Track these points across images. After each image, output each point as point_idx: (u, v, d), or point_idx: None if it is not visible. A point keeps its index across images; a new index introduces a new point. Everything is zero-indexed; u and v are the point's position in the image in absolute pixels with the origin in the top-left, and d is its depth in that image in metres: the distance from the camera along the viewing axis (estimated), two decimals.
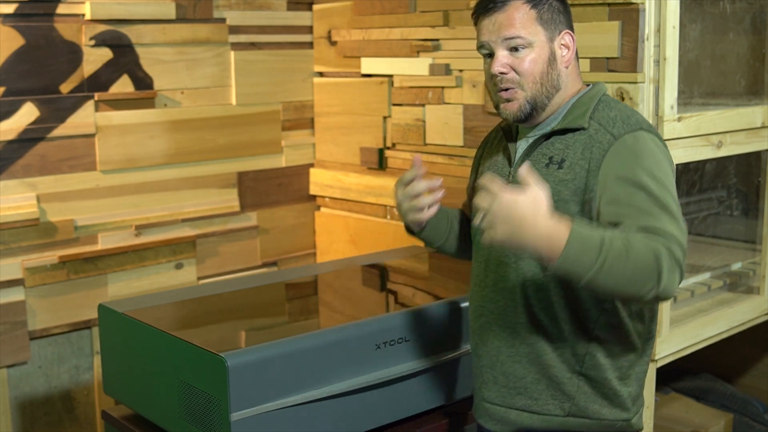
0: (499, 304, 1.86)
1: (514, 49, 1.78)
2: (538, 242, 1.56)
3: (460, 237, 2.09)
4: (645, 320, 1.85)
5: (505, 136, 1.94)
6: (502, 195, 1.57)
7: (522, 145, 1.89)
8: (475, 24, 1.86)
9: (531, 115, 1.81)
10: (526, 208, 1.56)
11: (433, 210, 1.92)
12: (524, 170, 1.60)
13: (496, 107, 1.86)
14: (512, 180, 1.85)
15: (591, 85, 1.88)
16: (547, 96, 1.81)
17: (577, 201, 1.75)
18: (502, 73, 1.79)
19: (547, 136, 1.83)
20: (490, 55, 1.82)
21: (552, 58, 1.80)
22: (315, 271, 2.74)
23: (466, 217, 2.11)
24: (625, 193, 1.68)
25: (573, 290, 1.77)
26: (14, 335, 2.76)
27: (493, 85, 1.83)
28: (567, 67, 1.83)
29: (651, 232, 1.61)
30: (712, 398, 3.18)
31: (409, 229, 2.05)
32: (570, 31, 1.84)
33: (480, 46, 1.83)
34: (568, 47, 1.83)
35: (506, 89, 1.80)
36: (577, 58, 1.89)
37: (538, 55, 1.78)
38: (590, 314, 1.79)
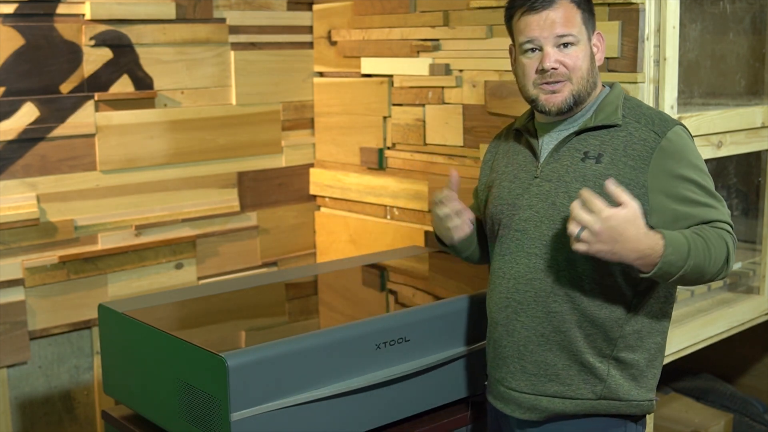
0: (528, 295, 1.90)
1: (563, 46, 1.85)
2: (638, 256, 1.69)
3: (481, 244, 2.15)
4: (672, 302, 1.94)
5: (525, 133, 2.00)
6: (607, 214, 1.65)
7: (547, 141, 1.95)
8: (512, 20, 1.91)
9: (571, 108, 1.89)
10: (630, 226, 1.66)
11: (465, 230, 2.01)
12: (612, 185, 1.68)
13: (532, 100, 1.91)
14: (541, 174, 1.92)
15: (610, 86, 1.97)
16: (588, 92, 1.89)
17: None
18: (553, 69, 1.85)
19: (577, 132, 1.90)
20: (534, 50, 1.87)
21: (591, 57, 1.90)
22: (315, 271, 2.74)
23: (480, 222, 2.15)
24: (682, 189, 1.81)
25: (607, 278, 1.84)
26: (14, 335, 2.76)
27: (538, 78, 1.88)
28: (598, 66, 1.93)
29: (714, 223, 1.79)
30: (712, 398, 3.18)
31: (440, 241, 2.15)
32: (599, 32, 1.94)
33: (527, 41, 1.87)
34: (597, 47, 1.93)
35: (554, 82, 1.86)
36: None
37: (583, 53, 1.87)
38: (625, 300, 1.86)
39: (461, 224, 2.00)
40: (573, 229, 1.69)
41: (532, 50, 1.87)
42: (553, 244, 1.87)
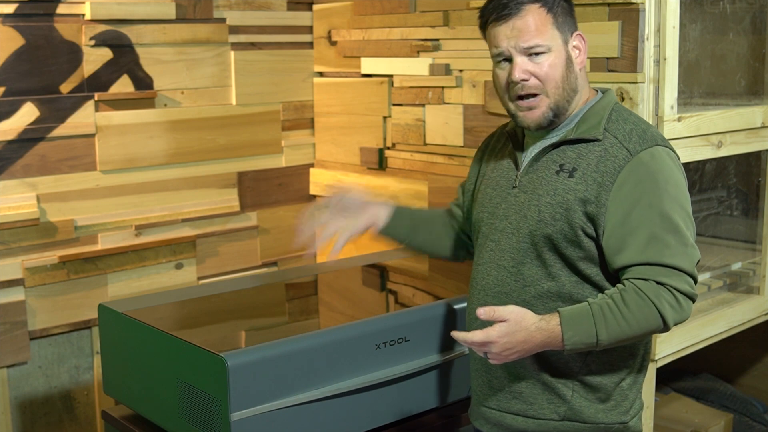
0: None
1: (534, 55, 1.77)
2: (542, 346, 1.70)
3: (428, 234, 2.13)
4: None
5: (511, 140, 1.93)
6: (490, 339, 1.67)
7: (531, 149, 1.88)
8: (483, 28, 1.83)
9: (553, 121, 1.81)
10: (517, 334, 1.68)
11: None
12: (482, 314, 1.68)
13: (513, 115, 1.84)
14: (519, 184, 1.86)
15: (601, 93, 1.88)
16: (567, 100, 1.81)
17: (582, 211, 1.75)
18: (524, 80, 1.77)
19: (556, 145, 1.82)
20: (506, 60, 1.80)
21: (569, 61, 1.80)
22: (315, 271, 2.75)
23: (451, 215, 2.13)
24: (636, 217, 1.71)
25: (576, 295, 1.78)
26: (14, 335, 2.76)
27: (510, 92, 1.81)
28: (581, 69, 1.83)
29: (652, 270, 1.68)
30: (712, 398, 3.18)
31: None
32: (580, 32, 1.84)
33: (497, 53, 1.80)
34: (579, 49, 1.83)
35: (528, 97, 1.79)
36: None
37: (556, 60, 1.78)
38: None
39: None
40: (483, 357, 1.76)
41: (504, 61, 1.80)
42: (521, 259, 1.82)
